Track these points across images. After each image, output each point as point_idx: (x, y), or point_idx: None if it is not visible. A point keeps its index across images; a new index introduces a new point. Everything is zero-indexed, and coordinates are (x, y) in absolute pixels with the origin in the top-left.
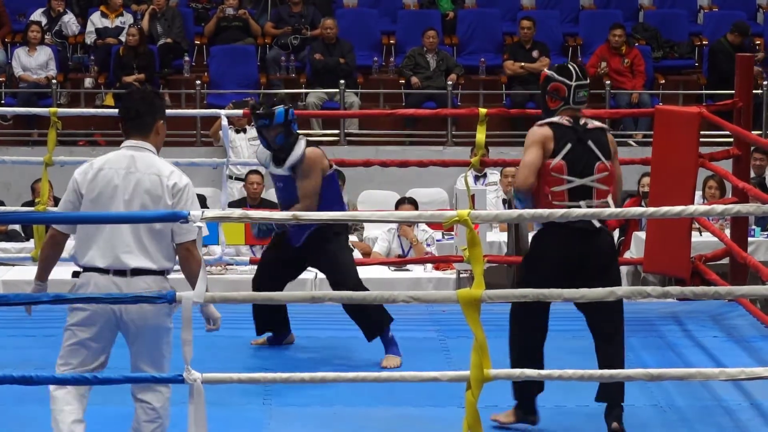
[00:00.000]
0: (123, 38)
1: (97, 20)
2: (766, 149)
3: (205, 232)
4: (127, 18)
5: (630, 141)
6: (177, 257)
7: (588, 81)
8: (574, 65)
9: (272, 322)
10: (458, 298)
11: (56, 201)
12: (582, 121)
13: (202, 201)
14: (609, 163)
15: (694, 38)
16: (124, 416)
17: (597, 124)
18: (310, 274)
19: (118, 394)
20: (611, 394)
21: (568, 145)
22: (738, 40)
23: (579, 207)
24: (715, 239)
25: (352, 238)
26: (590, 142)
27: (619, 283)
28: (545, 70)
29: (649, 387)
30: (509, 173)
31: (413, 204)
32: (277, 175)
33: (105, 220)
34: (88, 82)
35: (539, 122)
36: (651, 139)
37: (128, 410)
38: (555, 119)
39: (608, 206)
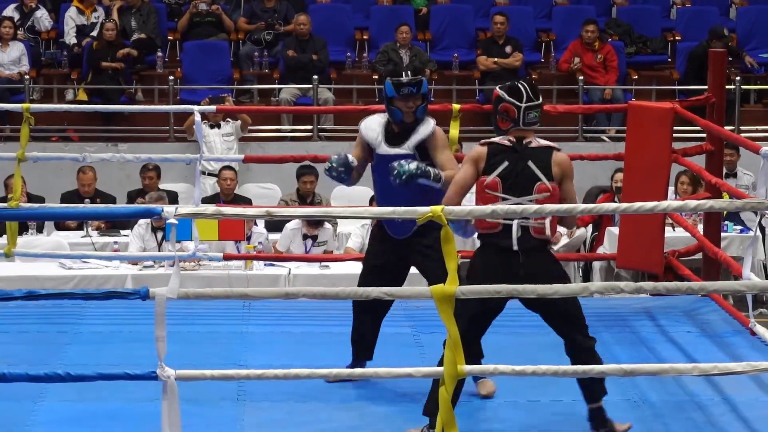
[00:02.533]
0: (95, 34)
1: (75, 17)
2: (737, 145)
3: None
4: (100, 12)
5: (603, 136)
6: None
7: (540, 101)
8: (526, 85)
9: (372, 347)
10: (432, 294)
11: (29, 197)
12: (526, 140)
13: (174, 197)
14: (551, 184)
15: (667, 34)
16: (99, 413)
17: (544, 143)
18: (284, 269)
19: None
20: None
21: (505, 163)
22: (718, 45)
23: (512, 226)
24: (688, 235)
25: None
26: (530, 162)
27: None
28: (497, 89)
29: (622, 382)
30: None
31: None
32: (390, 155)
33: (70, 216)
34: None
35: (482, 141)
36: (624, 135)
37: (107, 407)
38: (496, 139)
39: (544, 227)
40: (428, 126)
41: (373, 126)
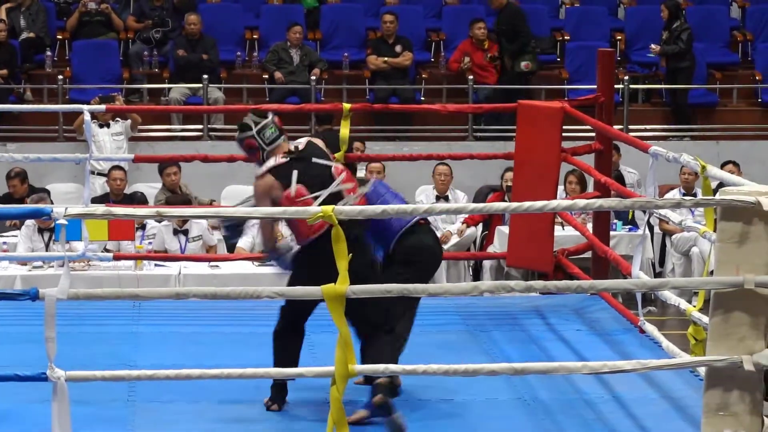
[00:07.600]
0: None
1: None
2: (627, 144)
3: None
4: None
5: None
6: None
7: (267, 117)
8: (250, 114)
9: None
10: (323, 294)
11: None
12: (292, 147)
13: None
14: (340, 165)
15: (556, 33)
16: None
17: (303, 140)
18: (174, 269)
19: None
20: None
21: (295, 172)
22: None
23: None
24: (578, 233)
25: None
26: (313, 159)
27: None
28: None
29: (513, 381)
30: (374, 169)
31: None
32: None
33: None
34: None
35: (258, 174)
36: (514, 134)
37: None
38: (270, 163)
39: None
40: None
41: None
